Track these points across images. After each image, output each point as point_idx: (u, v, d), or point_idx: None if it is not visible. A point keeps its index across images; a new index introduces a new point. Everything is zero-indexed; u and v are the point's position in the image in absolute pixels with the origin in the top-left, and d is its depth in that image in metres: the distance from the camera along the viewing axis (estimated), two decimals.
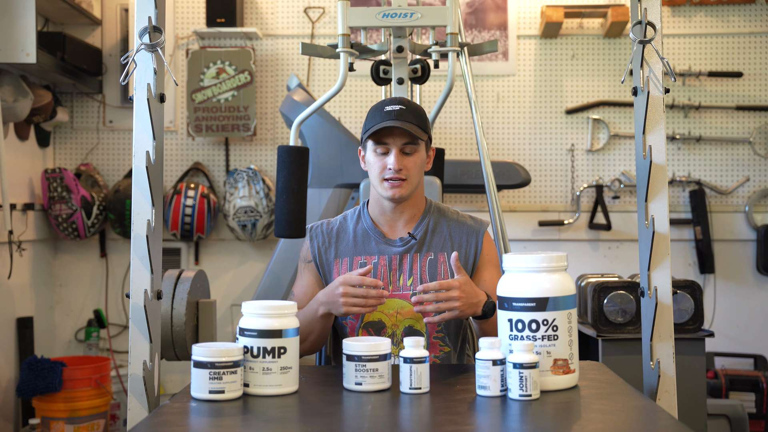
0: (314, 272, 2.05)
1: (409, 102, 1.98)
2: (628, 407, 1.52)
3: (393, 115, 1.91)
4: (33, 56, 3.37)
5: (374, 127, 1.92)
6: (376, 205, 2.04)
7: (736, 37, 4.17)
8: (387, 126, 1.91)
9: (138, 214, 1.78)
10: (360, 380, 1.60)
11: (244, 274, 4.21)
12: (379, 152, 1.95)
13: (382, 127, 1.91)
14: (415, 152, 1.96)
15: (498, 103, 4.21)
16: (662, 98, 1.84)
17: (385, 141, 1.94)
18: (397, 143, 1.93)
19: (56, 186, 3.91)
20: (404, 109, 1.93)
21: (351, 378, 1.61)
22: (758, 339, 4.11)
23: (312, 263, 2.05)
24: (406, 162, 1.94)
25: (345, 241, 2.04)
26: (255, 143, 4.22)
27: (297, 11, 4.24)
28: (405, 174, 1.94)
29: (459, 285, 1.80)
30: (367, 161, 1.99)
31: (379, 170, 1.95)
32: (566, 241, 4.15)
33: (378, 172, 1.95)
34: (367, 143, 1.98)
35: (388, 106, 1.94)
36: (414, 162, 1.95)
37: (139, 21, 1.79)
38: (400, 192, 1.95)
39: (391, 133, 1.93)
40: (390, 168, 1.93)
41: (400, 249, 2.01)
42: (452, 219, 2.06)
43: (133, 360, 1.76)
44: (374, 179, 1.97)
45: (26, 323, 3.84)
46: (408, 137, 1.93)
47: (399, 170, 1.93)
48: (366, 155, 2.00)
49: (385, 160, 1.94)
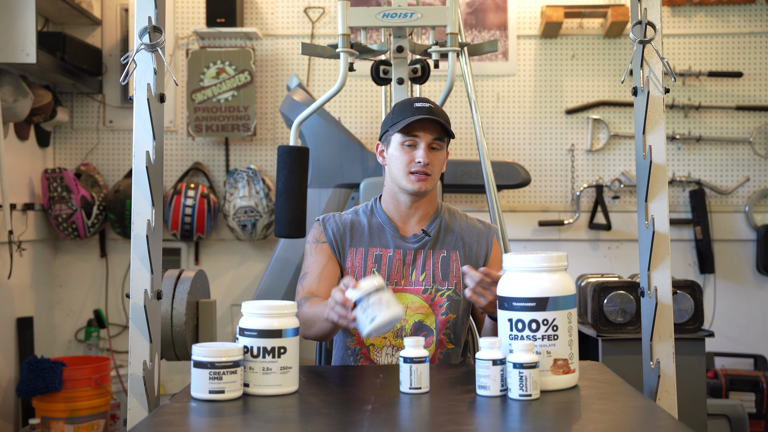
0: (328, 252, 2.03)
1: (433, 102, 2.02)
2: (628, 407, 1.52)
3: (424, 111, 1.95)
4: (33, 56, 3.37)
5: (406, 120, 1.95)
6: (392, 201, 2.06)
7: (736, 37, 4.17)
8: (419, 119, 1.94)
9: (138, 214, 1.78)
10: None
11: (244, 274, 4.21)
12: (407, 146, 1.98)
13: (416, 120, 1.94)
14: (441, 149, 2.00)
15: (498, 103, 4.21)
16: (662, 98, 1.84)
17: (416, 134, 1.97)
18: (427, 137, 1.97)
19: (56, 186, 3.91)
20: (432, 107, 1.98)
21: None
22: (758, 339, 4.11)
23: (326, 244, 2.04)
24: (433, 157, 1.98)
25: (359, 231, 2.05)
26: (255, 143, 4.22)
27: (297, 11, 4.24)
28: (431, 169, 1.98)
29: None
30: (391, 155, 2.01)
31: (405, 163, 1.97)
32: (566, 241, 4.15)
33: (404, 165, 1.98)
34: (393, 137, 2.00)
35: (417, 103, 1.98)
36: (439, 159, 2.00)
37: (139, 21, 1.79)
38: (425, 186, 1.98)
39: (423, 127, 1.96)
40: (419, 161, 1.96)
41: (415, 245, 2.03)
42: (463, 221, 2.10)
43: (133, 360, 1.76)
44: (399, 172, 1.99)
45: (26, 323, 3.84)
46: (438, 132, 1.97)
47: (427, 164, 1.96)
48: (389, 150, 2.02)
49: (413, 153, 1.97)
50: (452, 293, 1.99)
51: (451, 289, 2.00)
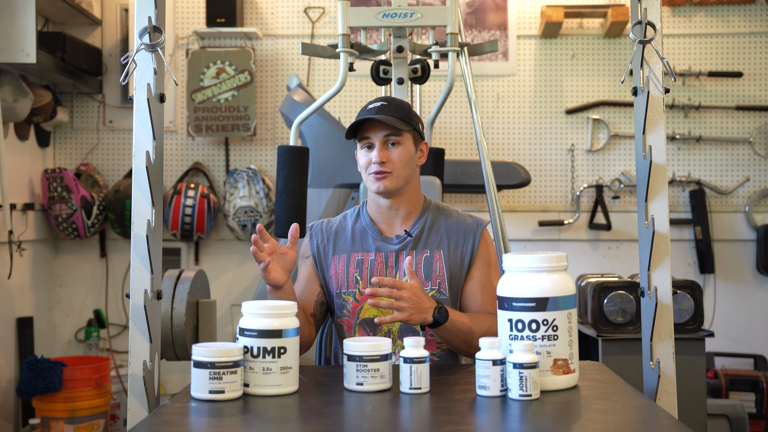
0: (312, 267, 2.07)
1: (393, 99, 2.01)
2: (628, 407, 1.52)
3: (373, 111, 1.96)
4: (33, 56, 3.37)
5: (354, 123, 1.96)
6: (373, 204, 2.06)
7: (736, 37, 4.17)
8: (366, 120, 1.95)
9: (138, 214, 1.78)
10: (361, 380, 1.60)
11: (244, 274, 4.21)
12: (365, 148, 1.99)
13: (360, 120, 1.95)
14: (400, 145, 1.97)
15: (498, 103, 4.21)
16: (662, 98, 1.84)
17: (367, 135, 1.97)
18: (378, 136, 1.96)
19: (56, 186, 3.91)
20: (385, 104, 1.97)
21: (352, 378, 1.61)
22: (758, 339, 4.11)
23: (310, 259, 2.07)
24: (390, 154, 1.96)
25: (343, 238, 2.05)
26: (255, 143, 4.22)
27: (297, 11, 4.24)
28: (390, 167, 1.96)
29: (409, 287, 1.79)
30: (357, 160, 2.03)
31: (365, 165, 1.98)
32: (566, 241, 4.15)
33: (365, 168, 1.99)
34: (356, 143, 2.02)
35: (370, 104, 1.99)
36: (399, 155, 1.97)
37: (139, 21, 1.79)
38: (386, 184, 1.96)
39: (372, 127, 1.96)
40: (374, 161, 1.95)
41: (396, 246, 2.02)
42: (451, 218, 2.07)
43: (133, 360, 1.76)
44: (363, 175, 2.01)
45: (26, 323, 3.84)
46: (388, 129, 1.96)
47: (382, 162, 1.95)
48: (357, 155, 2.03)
49: (370, 155, 1.97)
50: (436, 293, 1.98)
51: (434, 288, 1.98)
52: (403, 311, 1.78)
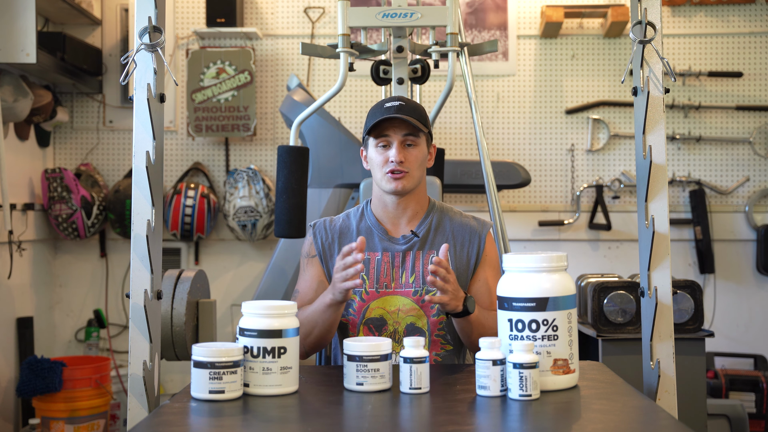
0: (318, 266, 2.05)
1: (408, 99, 2.01)
2: (628, 407, 1.52)
3: (393, 110, 1.95)
4: (33, 56, 3.37)
5: (375, 121, 1.95)
6: (379, 203, 2.05)
7: (736, 37, 4.17)
8: (387, 118, 1.94)
9: (138, 214, 1.78)
10: (361, 380, 1.61)
11: (244, 274, 4.21)
12: (381, 146, 1.98)
13: (383, 119, 1.94)
14: (416, 146, 1.98)
15: (498, 103, 4.21)
16: (662, 98, 1.84)
17: (387, 134, 1.97)
18: (398, 135, 1.96)
19: (56, 186, 3.91)
20: (403, 104, 1.97)
21: (352, 378, 1.62)
22: (758, 339, 4.11)
23: (316, 257, 2.06)
24: (408, 154, 1.97)
25: (348, 237, 2.05)
26: (255, 143, 4.22)
27: (297, 11, 4.24)
28: (407, 166, 1.96)
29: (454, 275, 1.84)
30: (370, 158, 2.02)
31: (381, 164, 1.97)
32: (566, 241, 4.15)
33: (380, 166, 1.98)
34: (369, 140, 2.01)
35: (388, 102, 1.98)
36: (415, 155, 1.98)
37: (139, 21, 1.79)
38: (403, 184, 1.97)
39: (392, 125, 1.96)
40: (392, 160, 1.95)
41: (403, 246, 2.02)
42: (455, 218, 2.08)
43: (133, 360, 1.76)
44: (377, 174, 2.00)
45: (26, 323, 3.84)
46: (408, 129, 1.96)
47: (401, 162, 1.95)
48: (368, 153, 2.03)
49: (387, 153, 1.97)
50: None
51: None
52: (446, 293, 1.81)
